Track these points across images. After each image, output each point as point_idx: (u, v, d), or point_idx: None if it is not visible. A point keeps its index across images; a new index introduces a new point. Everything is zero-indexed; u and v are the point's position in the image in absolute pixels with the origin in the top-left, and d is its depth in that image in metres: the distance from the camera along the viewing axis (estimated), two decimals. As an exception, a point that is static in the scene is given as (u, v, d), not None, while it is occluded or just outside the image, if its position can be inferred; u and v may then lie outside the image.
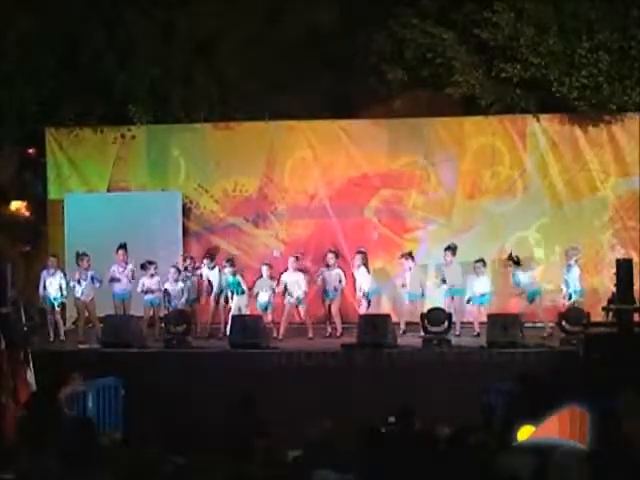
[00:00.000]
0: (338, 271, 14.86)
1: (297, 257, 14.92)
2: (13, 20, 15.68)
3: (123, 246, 14.87)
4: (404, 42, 15.90)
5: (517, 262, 14.45)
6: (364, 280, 14.79)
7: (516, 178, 15.91)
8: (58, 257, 15.14)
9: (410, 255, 14.89)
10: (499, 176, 15.96)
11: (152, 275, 14.74)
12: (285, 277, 14.71)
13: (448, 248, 14.72)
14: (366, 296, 14.76)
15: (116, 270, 14.81)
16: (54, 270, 14.77)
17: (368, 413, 9.42)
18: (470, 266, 14.69)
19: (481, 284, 14.51)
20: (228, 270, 14.74)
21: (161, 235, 15.82)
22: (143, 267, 14.73)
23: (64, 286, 14.70)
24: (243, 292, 14.65)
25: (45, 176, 16.66)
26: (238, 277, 14.74)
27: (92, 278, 14.61)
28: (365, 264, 14.86)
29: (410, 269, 14.78)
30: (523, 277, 14.42)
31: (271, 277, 14.79)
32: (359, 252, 14.96)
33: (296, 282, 14.67)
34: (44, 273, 14.77)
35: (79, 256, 14.67)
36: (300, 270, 14.83)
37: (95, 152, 16.55)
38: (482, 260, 14.61)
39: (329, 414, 8.16)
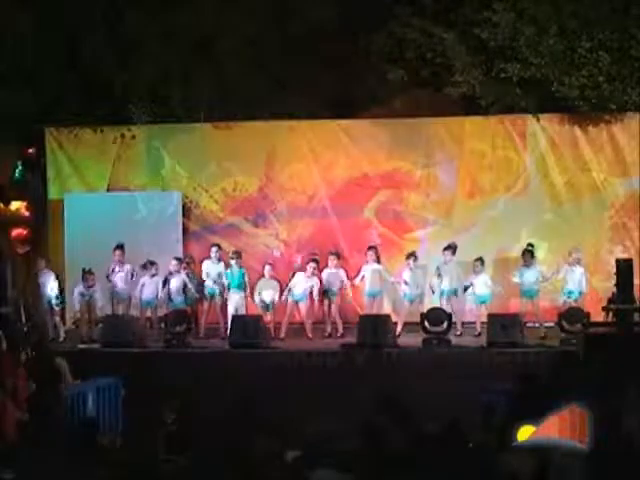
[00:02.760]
0: (339, 271, 14.88)
1: (317, 262, 14.85)
2: (13, 20, 15.68)
3: (120, 246, 14.87)
4: (404, 42, 15.90)
5: (533, 254, 14.46)
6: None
7: (516, 178, 15.90)
8: (48, 258, 15.24)
9: (414, 255, 14.86)
10: (499, 176, 15.96)
11: (153, 275, 14.73)
12: (298, 279, 14.78)
13: (448, 247, 14.74)
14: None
15: (114, 270, 14.82)
16: (46, 272, 14.82)
17: (368, 413, 9.41)
18: (470, 266, 14.72)
19: (480, 283, 14.53)
20: (235, 262, 14.75)
21: (161, 235, 15.83)
22: (144, 267, 14.73)
23: (57, 287, 14.78)
24: (243, 288, 14.67)
25: (45, 176, 16.66)
26: (243, 270, 14.76)
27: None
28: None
29: (411, 268, 14.75)
30: (528, 275, 14.44)
31: (273, 277, 14.82)
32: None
33: (308, 284, 14.70)
34: (43, 276, 14.84)
35: (85, 273, 14.70)
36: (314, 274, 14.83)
37: (95, 152, 16.55)
38: (481, 259, 14.63)
39: (329, 414, 8.15)
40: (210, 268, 14.95)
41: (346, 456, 6.81)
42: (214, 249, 15.05)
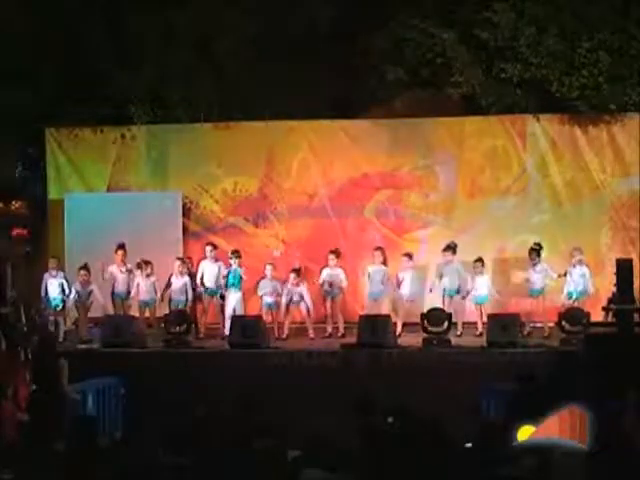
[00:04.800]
0: (339, 271, 14.87)
1: (298, 271, 14.85)
2: (13, 20, 15.67)
3: (122, 246, 14.85)
4: (404, 42, 15.90)
5: (539, 251, 14.46)
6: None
7: (516, 178, 15.91)
8: (58, 258, 15.17)
9: (409, 255, 14.89)
10: (499, 176, 15.97)
11: (148, 275, 14.69)
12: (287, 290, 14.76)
13: (447, 248, 14.73)
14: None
15: (115, 270, 14.81)
16: (56, 272, 14.79)
17: (368, 413, 9.41)
18: (471, 265, 14.73)
19: (481, 284, 14.52)
20: (234, 262, 14.73)
21: (161, 235, 15.82)
22: (139, 266, 14.69)
23: (66, 287, 14.72)
24: (240, 287, 14.67)
25: (45, 176, 16.66)
26: (242, 270, 14.73)
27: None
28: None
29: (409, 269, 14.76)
30: (536, 275, 14.45)
31: (274, 277, 14.81)
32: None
33: (298, 294, 14.72)
34: (46, 275, 14.79)
35: (80, 269, 14.68)
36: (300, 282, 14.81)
37: (95, 152, 16.56)
38: (481, 259, 14.63)
39: (329, 414, 8.16)
40: (207, 268, 14.94)
41: (346, 456, 6.81)
42: (209, 248, 15.04)
